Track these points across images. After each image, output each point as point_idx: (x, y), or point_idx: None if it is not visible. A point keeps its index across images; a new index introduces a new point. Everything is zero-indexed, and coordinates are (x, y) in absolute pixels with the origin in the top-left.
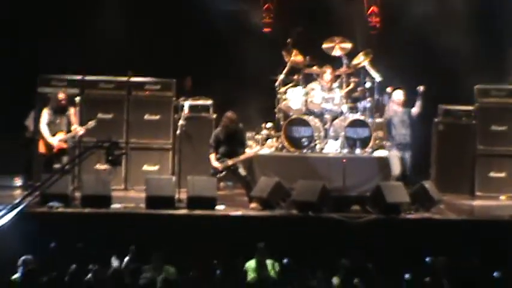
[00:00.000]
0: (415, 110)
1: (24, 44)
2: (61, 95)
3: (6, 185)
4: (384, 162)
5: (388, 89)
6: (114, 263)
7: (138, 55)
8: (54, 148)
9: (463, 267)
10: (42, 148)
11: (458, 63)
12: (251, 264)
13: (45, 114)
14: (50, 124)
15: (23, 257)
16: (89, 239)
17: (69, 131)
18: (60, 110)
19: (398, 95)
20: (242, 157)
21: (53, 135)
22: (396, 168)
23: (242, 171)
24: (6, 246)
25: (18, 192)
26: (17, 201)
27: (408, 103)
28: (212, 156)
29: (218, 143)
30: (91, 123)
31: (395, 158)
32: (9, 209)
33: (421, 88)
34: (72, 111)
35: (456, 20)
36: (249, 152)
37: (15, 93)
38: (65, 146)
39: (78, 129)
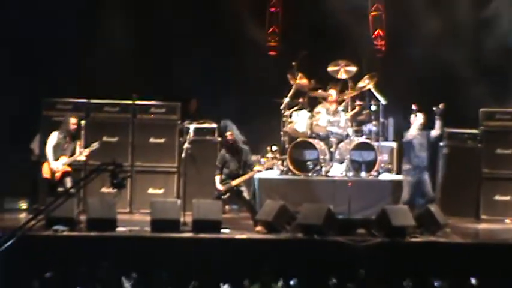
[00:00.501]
0: (435, 132)
1: (30, 66)
2: (73, 120)
3: (12, 208)
4: (392, 186)
5: (414, 107)
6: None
7: (143, 78)
8: (58, 172)
9: None
10: (46, 172)
11: (464, 86)
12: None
13: (54, 137)
14: (57, 147)
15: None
16: (95, 263)
17: (72, 155)
18: (70, 135)
19: (420, 117)
20: (244, 177)
21: (57, 159)
22: (405, 194)
23: (246, 194)
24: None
25: (23, 215)
26: (20, 225)
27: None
28: (217, 178)
29: (224, 164)
30: (94, 145)
31: (405, 183)
32: (12, 234)
33: (440, 107)
34: (78, 142)
35: (462, 43)
36: (250, 172)
37: (21, 117)
38: (69, 169)
39: (83, 152)
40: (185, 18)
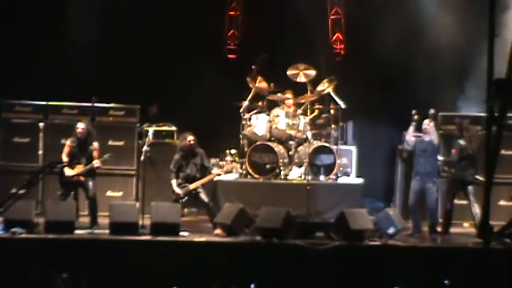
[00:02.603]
0: (436, 138)
1: None
2: (79, 125)
3: None
4: (350, 189)
5: (432, 111)
6: None
7: (102, 81)
8: (74, 180)
9: None
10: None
11: (423, 88)
12: None
13: (67, 146)
14: (71, 156)
15: None
16: (53, 265)
17: (88, 163)
18: (82, 141)
19: (423, 123)
20: (202, 181)
21: (72, 168)
22: (410, 200)
23: (205, 197)
24: None
25: None
26: None
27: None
28: (174, 182)
29: (179, 168)
30: (106, 156)
31: (411, 189)
32: None
33: (431, 111)
34: (95, 145)
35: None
36: (209, 175)
37: None
38: (82, 179)
39: (95, 163)
40: (146, 19)
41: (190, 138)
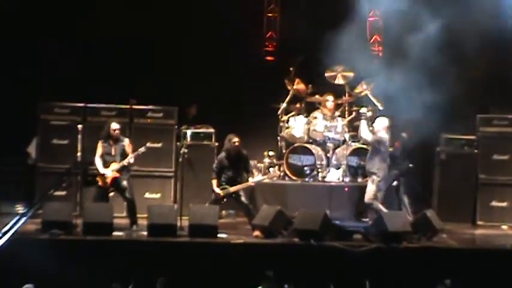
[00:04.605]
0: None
1: (27, 70)
2: (114, 125)
3: (9, 212)
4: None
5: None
6: None
7: (140, 83)
8: (108, 179)
9: None
10: (100, 181)
11: (461, 91)
12: None
13: (100, 147)
14: (105, 155)
15: (25, 286)
16: (91, 267)
17: (122, 160)
18: (114, 140)
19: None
20: (244, 185)
21: (107, 166)
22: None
23: (244, 199)
24: (8, 273)
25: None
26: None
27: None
28: (214, 182)
29: (221, 169)
30: (141, 150)
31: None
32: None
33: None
34: (126, 141)
35: (459, 48)
36: (251, 180)
37: (17, 120)
38: (118, 175)
39: (129, 158)
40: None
41: (236, 140)
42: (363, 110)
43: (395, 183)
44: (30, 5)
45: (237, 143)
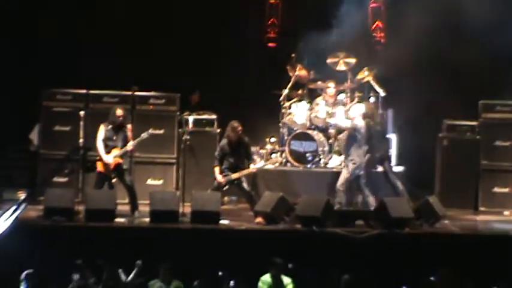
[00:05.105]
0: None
1: (29, 56)
2: (119, 112)
3: (11, 199)
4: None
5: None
6: (121, 276)
7: (142, 70)
8: (111, 165)
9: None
10: (99, 166)
11: (463, 77)
12: (266, 278)
13: (102, 131)
14: (107, 140)
15: (25, 271)
16: (93, 253)
17: (124, 146)
18: (117, 126)
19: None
20: (245, 172)
21: (109, 152)
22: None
23: (246, 185)
24: (9, 259)
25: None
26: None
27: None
28: (216, 169)
29: (223, 156)
30: (144, 135)
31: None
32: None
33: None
34: (129, 126)
35: (461, 34)
36: (253, 167)
37: (19, 106)
38: (120, 161)
39: (132, 144)
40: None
41: (239, 127)
42: (341, 96)
43: (380, 169)
44: None
45: (239, 130)
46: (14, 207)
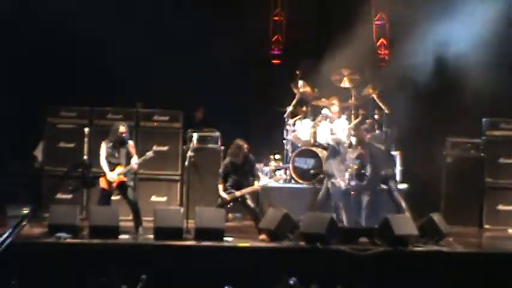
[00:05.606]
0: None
1: (34, 74)
2: (122, 128)
3: (15, 215)
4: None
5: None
6: None
7: (146, 87)
8: (114, 183)
9: None
10: (102, 183)
11: (467, 95)
12: None
13: (103, 148)
14: (109, 157)
15: None
16: (97, 270)
17: (127, 163)
18: (119, 143)
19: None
20: (249, 189)
21: (113, 169)
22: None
23: (250, 202)
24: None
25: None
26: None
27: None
28: (220, 187)
29: (227, 173)
30: (149, 154)
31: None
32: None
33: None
34: (131, 143)
35: (465, 53)
36: (257, 184)
37: (24, 124)
38: (124, 179)
39: (135, 161)
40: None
41: (245, 145)
42: (324, 111)
43: (385, 186)
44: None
45: (245, 148)
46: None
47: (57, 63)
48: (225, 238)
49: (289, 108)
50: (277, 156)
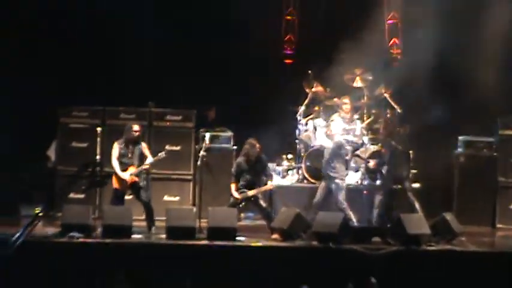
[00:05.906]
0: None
1: (46, 74)
2: (136, 127)
3: (28, 215)
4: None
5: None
6: None
7: (159, 87)
8: (127, 182)
9: None
10: (115, 183)
11: (480, 94)
12: None
13: (116, 149)
14: (121, 157)
15: None
16: (110, 270)
17: (140, 164)
18: (132, 143)
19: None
20: (262, 189)
21: (125, 169)
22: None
23: (263, 202)
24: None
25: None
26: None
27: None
28: (233, 186)
29: (240, 173)
30: (162, 155)
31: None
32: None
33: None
34: (144, 144)
35: (478, 51)
36: (269, 183)
37: (37, 124)
38: (136, 179)
39: (149, 162)
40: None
41: (258, 145)
42: (317, 121)
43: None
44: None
45: (258, 148)
46: (27, 223)
47: (70, 63)
48: (237, 237)
49: (302, 108)
50: (290, 156)
